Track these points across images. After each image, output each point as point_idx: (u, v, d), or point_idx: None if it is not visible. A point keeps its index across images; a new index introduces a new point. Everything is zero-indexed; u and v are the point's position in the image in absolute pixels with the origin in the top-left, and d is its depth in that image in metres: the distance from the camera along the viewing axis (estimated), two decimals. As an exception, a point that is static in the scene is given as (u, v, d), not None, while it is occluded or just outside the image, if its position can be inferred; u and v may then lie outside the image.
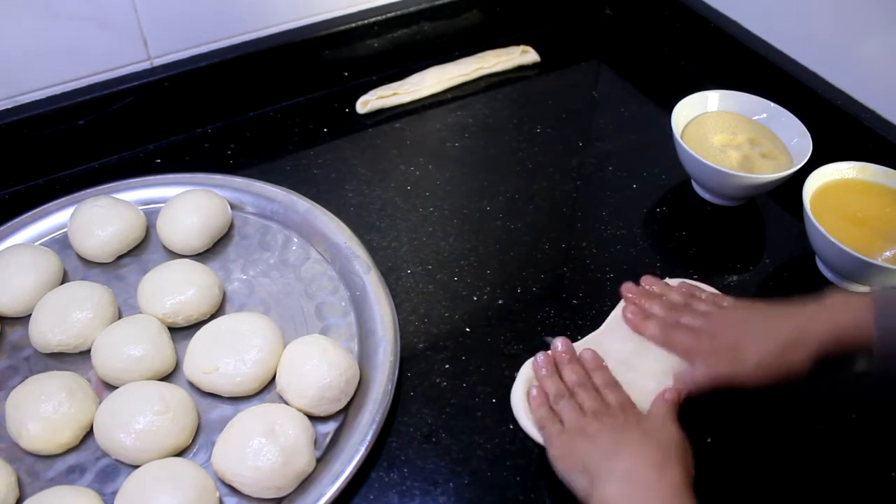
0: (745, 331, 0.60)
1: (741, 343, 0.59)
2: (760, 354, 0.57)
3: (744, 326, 0.60)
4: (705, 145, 0.80)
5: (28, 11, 0.76)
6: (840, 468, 0.61)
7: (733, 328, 0.61)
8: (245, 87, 0.91)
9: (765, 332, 0.59)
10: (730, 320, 0.62)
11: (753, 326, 0.60)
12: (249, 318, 0.66)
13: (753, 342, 0.58)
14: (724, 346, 0.60)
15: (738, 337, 0.60)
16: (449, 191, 0.84)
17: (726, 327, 0.61)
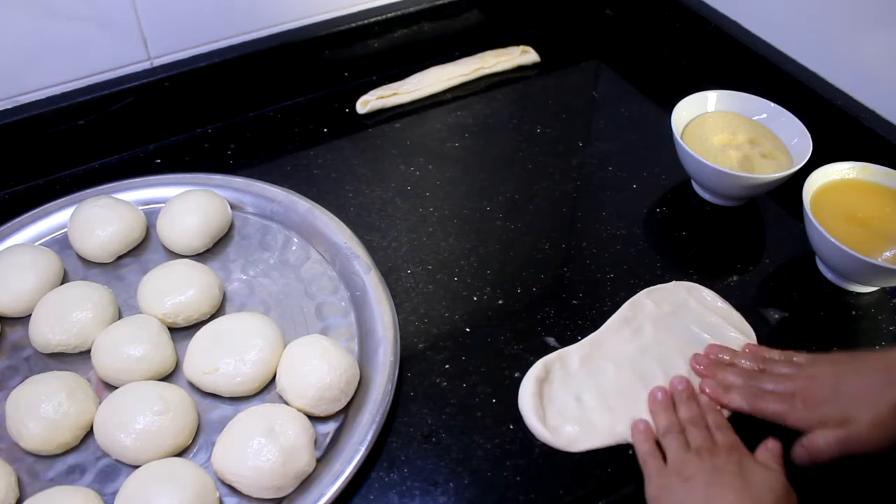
0: (846, 395, 0.56)
1: (847, 409, 0.55)
2: (874, 418, 0.53)
3: (843, 390, 0.56)
4: (705, 145, 0.80)
5: (28, 11, 0.76)
6: (840, 468, 0.61)
7: (830, 392, 0.57)
8: (245, 87, 0.91)
9: (872, 394, 0.54)
10: (822, 383, 0.58)
11: (855, 388, 0.56)
12: (249, 318, 0.66)
13: (863, 407, 0.54)
14: (824, 412, 0.55)
15: (841, 403, 0.55)
16: (449, 191, 0.84)
17: (821, 391, 0.57)
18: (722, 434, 0.58)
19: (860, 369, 0.57)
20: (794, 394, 0.58)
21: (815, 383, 0.58)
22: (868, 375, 0.56)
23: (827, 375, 0.58)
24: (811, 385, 0.58)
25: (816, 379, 0.58)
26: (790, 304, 0.73)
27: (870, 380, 0.55)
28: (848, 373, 0.57)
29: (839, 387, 0.56)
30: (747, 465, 0.54)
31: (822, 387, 0.57)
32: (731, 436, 0.58)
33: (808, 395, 0.57)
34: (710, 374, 0.63)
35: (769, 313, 0.72)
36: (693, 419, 0.59)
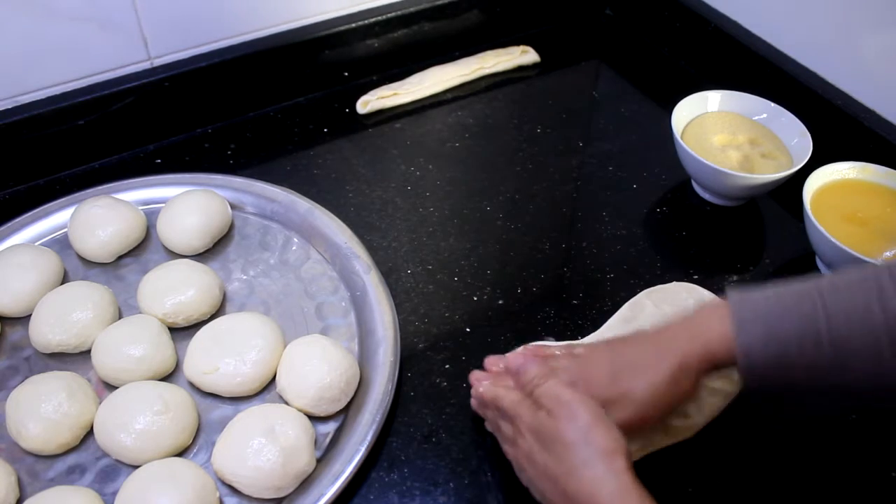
0: (621, 373, 0.56)
1: (623, 387, 0.55)
2: (651, 392, 0.54)
3: (617, 367, 0.56)
4: (705, 145, 0.80)
5: (28, 12, 0.76)
6: (840, 468, 0.61)
7: (605, 371, 0.56)
8: (245, 87, 0.91)
9: (645, 368, 0.55)
10: (596, 362, 0.58)
11: (627, 365, 0.56)
12: (249, 318, 0.66)
13: (638, 382, 0.54)
14: (607, 395, 0.55)
15: (618, 381, 0.55)
16: (449, 191, 0.84)
17: (597, 371, 0.57)
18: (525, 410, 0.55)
19: (631, 347, 0.58)
20: (575, 383, 0.56)
21: (592, 368, 0.58)
22: (639, 352, 0.57)
23: (603, 359, 0.58)
24: (589, 370, 0.57)
25: (593, 363, 0.58)
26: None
27: (642, 355, 0.56)
28: (621, 353, 0.58)
29: (614, 367, 0.56)
30: (541, 418, 0.53)
31: (598, 370, 0.57)
32: (526, 410, 0.55)
33: (588, 380, 0.56)
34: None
35: (769, 313, 0.72)
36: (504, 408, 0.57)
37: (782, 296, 0.52)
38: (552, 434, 0.51)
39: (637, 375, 0.55)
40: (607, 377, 0.56)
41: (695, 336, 0.54)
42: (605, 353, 0.58)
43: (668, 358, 0.54)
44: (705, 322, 0.54)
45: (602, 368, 0.57)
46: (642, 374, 0.55)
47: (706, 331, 0.54)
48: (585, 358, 0.59)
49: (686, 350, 0.54)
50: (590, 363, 0.58)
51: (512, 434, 0.55)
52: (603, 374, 0.56)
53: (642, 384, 0.54)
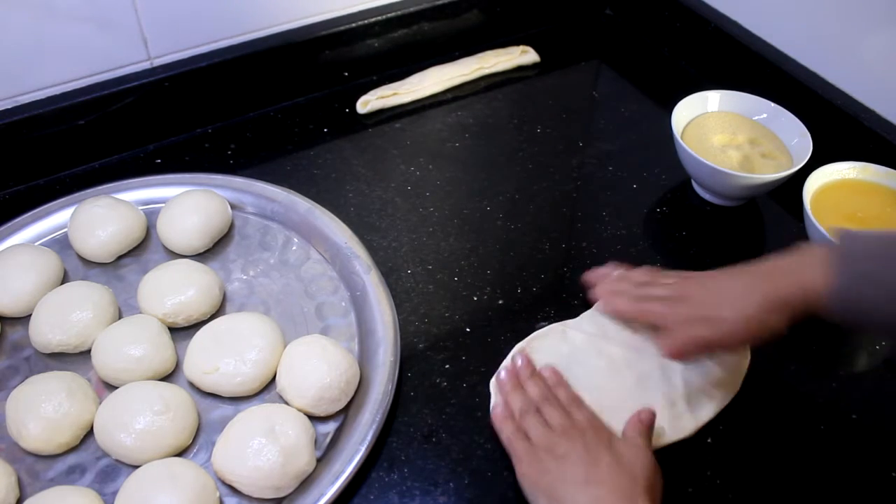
0: (719, 294, 0.59)
1: (716, 307, 0.58)
2: (738, 317, 0.57)
3: (717, 290, 0.60)
4: (705, 145, 0.80)
5: (28, 11, 0.76)
6: (840, 468, 0.61)
7: (707, 292, 0.60)
8: (245, 87, 0.91)
9: (740, 295, 0.58)
10: (701, 285, 0.61)
11: (727, 289, 0.59)
12: (249, 318, 0.66)
13: (730, 305, 0.58)
14: (699, 311, 0.59)
15: (713, 301, 0.59)
16: (449, 191, 0.84)
17: (699, 291, 0.61)
18: (577, 410, 0.59)
19: (734, 273, 0.60)
20: (675, 298, 0.62)
21: (691, 283, 0.62)
22: (741, 277, 0.59)
23: (705, 280, 0.62)
24: (688, 284, 0.62)
25: (698, 284, 0.62)
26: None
27: (742, 281, 0.59)
28: (723, 278, 0.61)
29: (714, 286, 0.60)
30: (616, 442, 0.56)
31: (697, 286, 0.61)
32: (586, 411, 0.59)
33: (684, 293, 0.61)
34: (601, 282, 0.67)
35: (769, 313, 0.72)
36: (545, 396, 0.60)
37: (888, 243, 0.54)
38: (595, 451, 0.54)
39: (728, 301, 0.58)
40: (705, 297, 0.59)
41: (791, 272, 0.56)
42: (709, 277, 0.62)
43: (761, 289, 0.56)
44: (803, 260, 0.56)
45: (701, 288, 0.60)
46: (733, 301, 0.57)
47: (803, 268, 0.55)
48: (691, 279, 0.63)
49: (780, 284, 0.56)
50: (692, 282, 0.62)
51: (559, 427, 0.57)
52: (702, 293, 0.60)
53: (733, 310, 0.57)
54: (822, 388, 0.66)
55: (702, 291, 0.60)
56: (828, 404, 0.65)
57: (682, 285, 0.62)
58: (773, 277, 0.57)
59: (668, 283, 0.64)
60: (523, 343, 0.66)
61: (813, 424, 0.64)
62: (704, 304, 0.59)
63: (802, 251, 0.58)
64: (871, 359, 0.70)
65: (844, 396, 0.66)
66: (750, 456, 0.61)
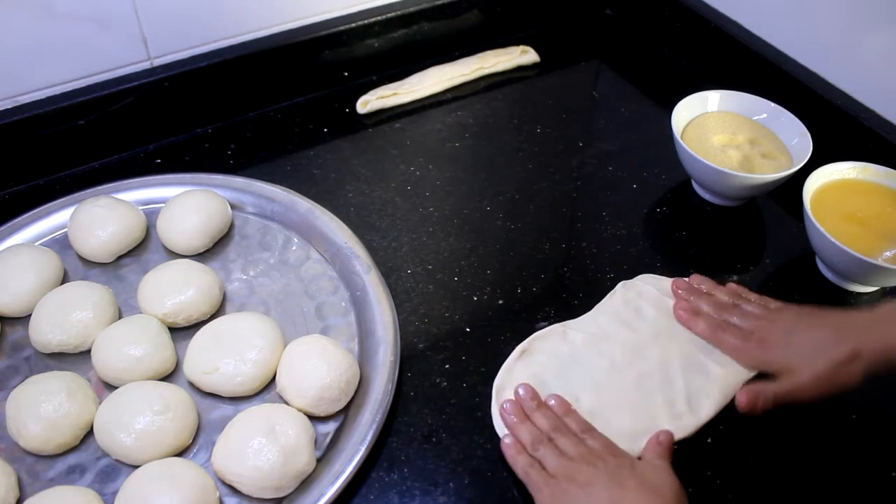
0: (796, 345, 0.59)
1: (792, 360, 0.58)
2: (815, 371, 0.57)
3: (795, 339, 0.59)
4: (705, 145, 0.80)
5: (28, 11, 0.76)
6: (840, 468, 0.61)
7: (787, 341, 0.60)
8: (245, 87, 0.91)
9: (818, 348, 0.57)
10: (779, 328, 0.61)
11: (805, 340, 0.59)
12: (249, 318, 0.66)
13: (807, 359, 0.57)
14: (773, 360, 0.59)
15: (791, 353, 0.59)
16: (449, 191, 0.84)
17: (779, 339, 0.60)
18: (592, 437, 0.57)
19: (815, 324, 0.60)
20: (753, 332, 0.62)
21: (773, 326, 0.61)
22: (820, 330, 0.59)
23: (786, 322, 0.61)
24: (770, 328, 0.61)
25: (776, 323, 0.62)
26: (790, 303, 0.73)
27: (820, 334, 0.58)
28: (804, 325, 0.60)
29: (792, 336, 0.60)
30: (638, 465, 0.55)
31: (777, 332, 0.61)
32: (601, 438, 0.58)
33: (764, 336, 0.61)
34: (686, 298, 0.67)
35: (769, 313, 0.72)
36: (555, 426, 0.58)
37: None
38: (620, 477, 0.53)
39: (808, 353, 0.57)
40: (783, 343, 0.59)
41: (875, 329, 0.56)
42: (792, 317, 0.61)
43: (843, 344, 0.56)
44: (889, 317, 0.56)
45: (781, 331, 0.60)
46: (813, 356, 0.57)
47: (888, 327, 0.55)
48: (774, 314, 0.62)
49: (863, 340, 0.55)
50: (774, 321, 0.61)
51: (577, 455, 0.56)
52: (780, 338, 0.59)
53: (809, 364, 0.56)
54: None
55: (782, 339, 0.60)
56: (828, 404, 0.65)
57: (764, 326, 0.62)
58: (856, 332, 0.57)
59: (750, 311, 0.64)
60: (524, 344, 0.66)
61: (813, 424, 0.64)
62: (781, 355, 0.59)
63: (887, 306, 0.58)
64: (871, 359, 0.70)
65: (844, 396, 0.66)
66: (750, 456, 0.61)
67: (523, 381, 0.63)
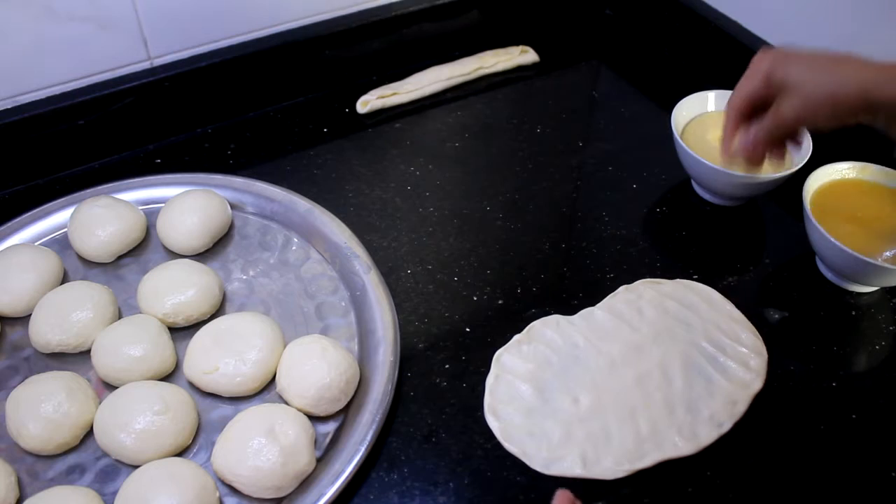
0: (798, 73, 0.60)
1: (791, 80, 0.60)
2: (809, 93, 0.58)
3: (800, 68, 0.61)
4: (705, 145, 0.80)
5: (28, 11, 0.76)
6: (840, 468, 0.61)
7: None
8: (245, 87, 0.91)
9: (819, 73, 0.59)
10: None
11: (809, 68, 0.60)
12: (249, 318, 0.66)
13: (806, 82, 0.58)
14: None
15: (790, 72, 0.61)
16: (449, 191, 0.84)
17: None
18: None
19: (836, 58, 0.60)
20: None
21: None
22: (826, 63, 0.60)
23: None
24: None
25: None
26: (790, 304, 0.73)
27: (824, 64, 0.59)
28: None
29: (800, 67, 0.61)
30: None
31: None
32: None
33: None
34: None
35: (769, 313, 0.72)
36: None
37: None
38: None
39: (808, 78, 0.59)
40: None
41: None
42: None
43: (847, 74, 0.57)
44: None
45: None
46: (813, 79, 0.58)
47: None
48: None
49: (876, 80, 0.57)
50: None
51: None
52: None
53: (805, 88, 0.58)
54: (822, 388, 0.66)
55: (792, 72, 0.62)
56: (828, 404, 0.65)
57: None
58: (871, 72, 0.59)
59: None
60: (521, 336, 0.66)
61: (813, 424, 0.64)
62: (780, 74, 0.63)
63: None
64: (871, 359, 0.70)
65: (844, 396, 0.66)
66: (750, 456, 0.61)
67: (523, 375, 0.63)
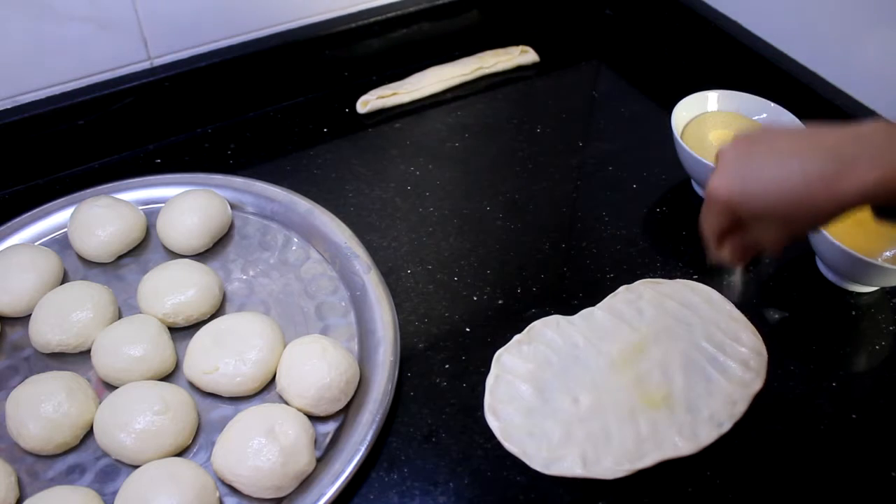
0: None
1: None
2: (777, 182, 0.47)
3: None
4: (705, 145, 0.80)
5: (28, 11, 0.76)
6: (840, 468, 0.61)
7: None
8: (245, 87, 0.91)
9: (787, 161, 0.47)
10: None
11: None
12: (249, 318, 0.66)
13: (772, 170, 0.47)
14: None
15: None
16: (449, 191, 0.84)
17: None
18: None
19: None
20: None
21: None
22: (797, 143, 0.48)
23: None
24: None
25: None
26: (790, 304, 0.73)
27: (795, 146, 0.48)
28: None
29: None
30: None
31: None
32: None
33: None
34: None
35: (769, 313, 0.72)
36: None
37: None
38: None
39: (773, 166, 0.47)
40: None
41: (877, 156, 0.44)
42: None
43: (821, 162, 0.45)
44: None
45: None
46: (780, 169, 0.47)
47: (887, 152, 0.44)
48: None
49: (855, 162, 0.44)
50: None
51: None
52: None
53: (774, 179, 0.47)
54: (822, 388, 0.66)
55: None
56: (828, 404, 0.65)
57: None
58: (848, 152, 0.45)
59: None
60: (521, 336, 0.66)
61: (813, 424, 0.64)
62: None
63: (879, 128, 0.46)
64: (871, 359, 0.70)
65: (844, 396, 0.66)
66: (749, 455, 0.61)
67: (523, 375, 0.63)
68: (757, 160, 0.48)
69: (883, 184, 0.43)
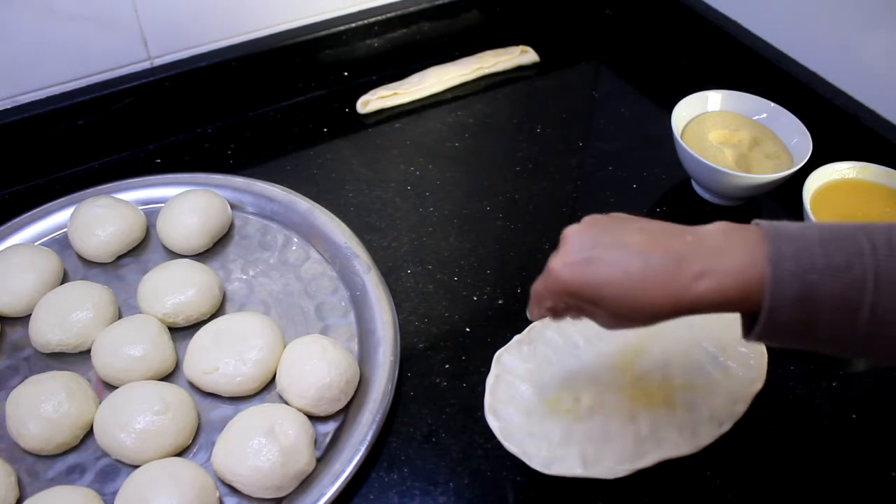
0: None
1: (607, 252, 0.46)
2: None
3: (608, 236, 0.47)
4: (705, 145, 0.80)
5: (28, 11, 0.76)
6: (840, 468, 0.61)
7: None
8: (245, 87, 0.91)
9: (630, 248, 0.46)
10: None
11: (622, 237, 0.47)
12: (249, 318, 0.66)
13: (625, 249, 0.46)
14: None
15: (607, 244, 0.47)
16: (449, 191, 0.84)
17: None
18: None
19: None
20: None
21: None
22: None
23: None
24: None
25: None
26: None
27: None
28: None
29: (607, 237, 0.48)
30: None
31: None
32: None
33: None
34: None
35: (769, 313, 0.72)
36: None
37: (828, 247, 0.41)
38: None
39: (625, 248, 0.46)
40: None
41: (729, 263, 0.43)
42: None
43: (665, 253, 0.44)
44: (738, 250, 0.43)
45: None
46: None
47: (740, 262, 0.42)
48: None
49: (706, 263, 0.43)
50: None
51: None
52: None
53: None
54: (822, 388, 0.66)
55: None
56: (828, 404, 0.65)
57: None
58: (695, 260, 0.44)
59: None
60: (521, 336, 0.66)
61: (813, 424, 0.64)
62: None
63: (732, 235, 0.44)
64: (871, 359, 0.70)
65: (844, 396, 0.66)
66: (749, 455, 0.61)
67: (523, 375, 0.63)
68: (600, 251, 0.47)
69: (719, 292, 0.43)
